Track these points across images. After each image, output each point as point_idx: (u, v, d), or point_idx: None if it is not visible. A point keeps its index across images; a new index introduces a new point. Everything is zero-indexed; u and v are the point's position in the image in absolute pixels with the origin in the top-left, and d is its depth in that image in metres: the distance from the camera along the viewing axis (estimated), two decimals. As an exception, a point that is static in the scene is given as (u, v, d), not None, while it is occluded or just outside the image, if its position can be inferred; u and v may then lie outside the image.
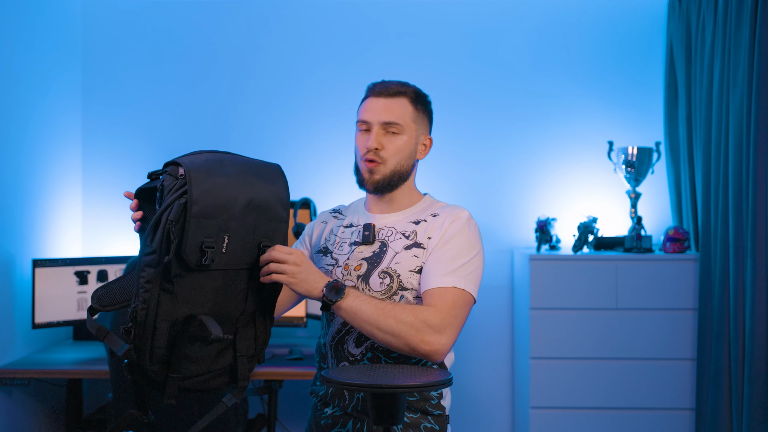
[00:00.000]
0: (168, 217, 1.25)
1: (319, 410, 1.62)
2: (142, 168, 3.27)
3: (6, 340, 2.70)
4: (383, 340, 1.43)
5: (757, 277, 2.39)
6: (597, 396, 2.74)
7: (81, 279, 2.86)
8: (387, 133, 1.58)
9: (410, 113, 1.60)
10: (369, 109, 1.60)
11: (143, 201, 1.43)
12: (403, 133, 1.59)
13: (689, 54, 2.89)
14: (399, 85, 1.61)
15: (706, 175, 2.70)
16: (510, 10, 3.21)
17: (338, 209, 1.78)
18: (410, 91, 1.62)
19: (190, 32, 3.27)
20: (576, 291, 2.74)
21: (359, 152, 1.61)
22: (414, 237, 1.58)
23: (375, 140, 1.57)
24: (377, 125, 1.58)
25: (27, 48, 2.85)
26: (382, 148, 1.57)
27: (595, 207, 3.16)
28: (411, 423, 1.54)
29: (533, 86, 3.21)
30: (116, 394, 2.33)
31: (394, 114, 1.58)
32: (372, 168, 1.58)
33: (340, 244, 1.64)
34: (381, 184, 1.59)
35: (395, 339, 1.41)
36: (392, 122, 1.57)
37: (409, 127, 1.59)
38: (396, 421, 1.33)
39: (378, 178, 1.58)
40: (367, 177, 1.59)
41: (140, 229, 1.39)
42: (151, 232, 1.27)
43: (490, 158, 3.22)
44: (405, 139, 1.59)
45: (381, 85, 1.61)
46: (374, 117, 1.58)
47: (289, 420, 3.25)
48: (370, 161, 1.58)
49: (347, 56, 3.24)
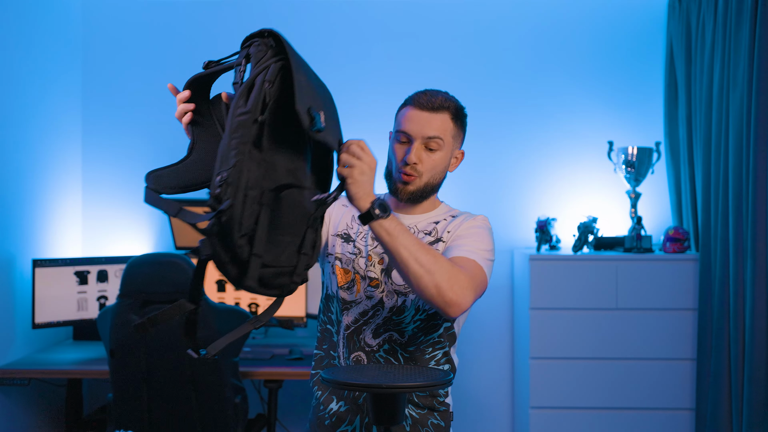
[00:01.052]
0: (265, 77, 1.19)
1: (323, 409, 1.61)
2: (142, 168, 3.26)
3: (6, 340, 2.71)
4: (415, 274, 1.35)
5: (757, 277, 2.39)
6: (597, 396, 2.74)
7: (81, 279, 2.86)
8: (426, 149, 1.58)
9: (450, 129, 1.60)
10: (412, 121, 1.58)
11: (194, 93, 1.36)
12: (441, 149, 1.58)
13: (689, 54, 2.89)
14: (443, 99, 1.61)
15: (706, 175, 2.70)
16: (510, 10, 3.22)
17: None
18: (452, 107, 1.61)
19: (190, 32, 3.27)
20: (576, 291, 2.74)
21: (396, 162, 1.59)
22: (435, 234, 1.61)
23: (415, 155, 1.56)
24: (419, 140, 1.57)
25: (27, 48, 2.85)
26: (421, 162, 1.57)
27: (595, 207, 3.16)
28: (419, 419, 1.56)
29: (533, 86, 3.21)
30: (116, 394, 2.33)
31: (436, 130, 1.57)
32: (407, 180, 1.58)
33: (364, 235, 1.62)
34: (414, 195, 1.59)
35: (427, 275, 1.35)
36: (435, 137, 1.57)
37: (447, 144, 1.60)
38: (395, 421, 1.33)
39: (412, 190, 1.59)
40: (401, 188, 1.59)
41: (192, 122, 1.33)
42: (245, 94, 1.17)
43: (490, 158, 3.22)
44: (442, 155, 1.59)
45: (426, 97, 1.59)
46: (417, 131, 1.57)
47: (289, 420, 3.25)
48: (407, 175, 1.57)
49: (347, 56, 3.24)
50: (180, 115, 1.35)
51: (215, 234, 1.15)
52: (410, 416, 1.56)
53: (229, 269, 1.19)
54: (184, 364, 2.28)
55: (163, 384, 2.30)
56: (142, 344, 2.26)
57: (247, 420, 2.58)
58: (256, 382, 3.10)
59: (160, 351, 2.27)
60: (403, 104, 1.64)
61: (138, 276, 2.27)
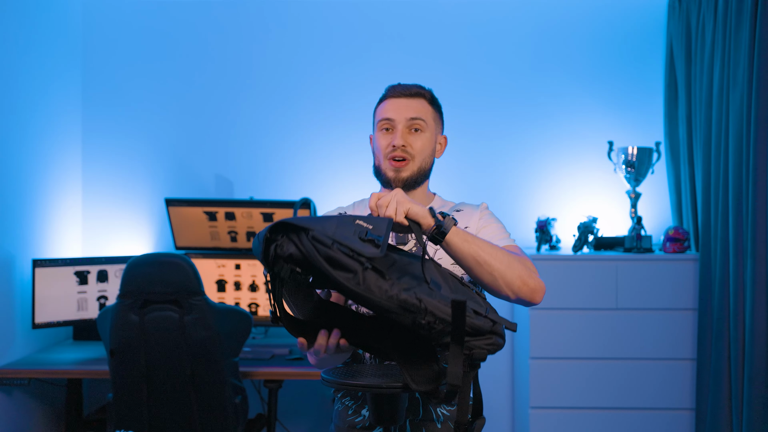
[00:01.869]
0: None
1: (353, 413, 1.59)
2: (142, 168, 3.27)
3: (6, 340, 2.71)
4: (499, 271, 1.36)
5: (757, 277, 2.39)
6: (597, 396, 2.74)
7: (81, 279, 2.86)
8: (411, 131, 1.58)
9: (430, 112, 1.62)
10: (392, 108, 1.59)
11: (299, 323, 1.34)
12: (425, 131, 1.59)
13: (689, 54, 2.89)
14: (417, 87, 1.63)
15: (706, 175, 2.70)
16: (510, 10, 3.22)
17: (344, 212, 1.72)
18: (427, 93, 1.64)
19: (191, 33, 3.27)
20: (576, 291, 2.74)
21: (381, 151, 1.59)
22: None
23: (401, 137, 1.56)
24: (402, 122, 1.57)
25: (27, 48, 2.85)
26: (409, 145, 1.57)
27: (595, 207, 3.16)
28: (450, 416, 1.56)
29: (533, 86, 3.21)
30: (116, 394, 2.33)
31: (417, 111, 1.59)
32: (399, 167, 1.57)
33: None
34: (409, 181, 1.58)
35: (509, 270, 1.37)
36: (417, 118, 1.58)
37: (430, 125, 1.61)
38: (395, 421, 1.33)
39: (406, 176, 1.57)
40: (394, 176, 1.57)
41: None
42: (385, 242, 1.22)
43: (490, 158, 3.22)
44: (428, 136, 1.60)
45: (400, 87, 1.62)
46: (399, 114, 1.58)
47: (289, 420, 3.25)
48: (398, 160, 1.57)
49: (347, 55, 3.24)
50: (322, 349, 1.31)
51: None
52: (442, 415, 1.55)
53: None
54: (184, 364, 2.28)
55: (163, 384, 2.30)
56: (142, 344, 2.27)
57: (247, 420, 2.58)
58: (256, 382, 3.10)
59: (160, 351, 2.27)
60: (378, 101, 1.65)
61: (138, 276, 2.27)
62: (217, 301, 3.01)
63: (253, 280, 3.05)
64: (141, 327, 2.26)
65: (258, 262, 3.06)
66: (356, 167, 3.17)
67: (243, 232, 3.05)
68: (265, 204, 2.98)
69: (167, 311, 2.26)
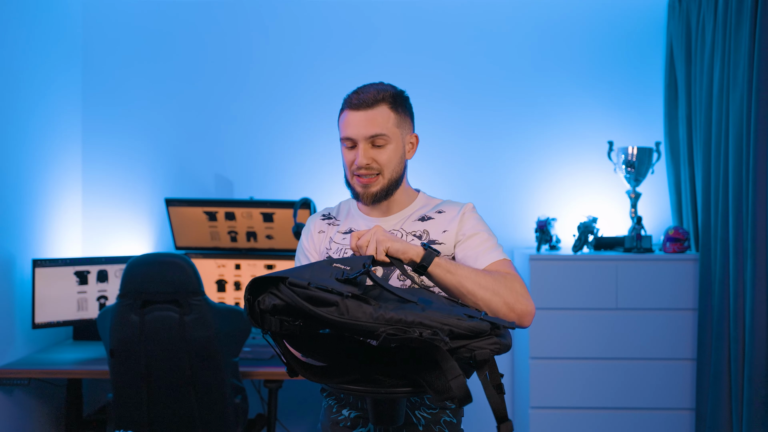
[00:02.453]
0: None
1: (336, 412, 1.60)
2: (142, 168, 3.27)
3: (6, 340, 2.71)
4: (484, 298, 1.36)
5: (757, 277, 2.39)
6: (597, 396, 2.74)
7: (81, 279, 2.86)
8: (374, 146, 1.55)
9: (393, 120, 1.55)
10: (350, 125, 1.55)
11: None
12: (389, 143, 1.55)
13: (689, 54, 2.89)
14: (375, 92, 1.56)
15: (706, 175, 2.70)
16: (510, 10, 3.22)
17: (328, 214, 1.71)
18: (388, 96, 1.56)
19: (190, 33, 3.27)
20: (576, 291, 2.74)
21: (349, 168, 1.57)
22: (427, 236, 1.57)
23: (364, 156, 1.53)
24: (362, 141, 1.54)
25: (27, 48, 2.85)
26: (373, 161, 1.55)
27: (595, 207, 3.16)
28: (432, 418, 1.55)
29: (533, 86, 3.21)
30: (116, 394, 2.33)
31: (377, 126, 1.53)
32: (367, 183, 1.55)
33: (344, 251, 1.59)
34: (379, 195, 1.57)
35: (495, 297, 1.36)
36: (377, 134, 1.53)
37: (394, 135, 1.56)
38: (395, 422, 1.33)
39: (375, 191, 1.56)
40: (363, 191, 1.56)
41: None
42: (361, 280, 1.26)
43: (490, 158, 3.22)
44: (392, 147, 1.56)
45: (357, 97, 1.56)
46: (357, 132, 1.53)
47: (289, 420, 3.25)
48: (364, 177, 1.55)
49: (346, 55, 3.24)
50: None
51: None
52: (422, 418, 1.55)
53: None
54: (184, 364, 2.28)
55: (163, 384, 2.30)
56: (142, 344, 2.27)
57: (247, 420, 2.58)
58: (256, 382, 3.10)
59: (160, 351, 2.27)
60: (341, 109, 1.61)
61: (138, 276, 2.27)
62: (217, 301, 3.01)
63: (253, 280, 3.04)
64: (141, 327, 2.26)
65: (257, 261, 3.06)
66: (356, 167, 3.17)
67: (243, 232, 3.05)
68: (265, 204, 2.98)
69: (167, 311, 2.26)
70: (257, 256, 3.06)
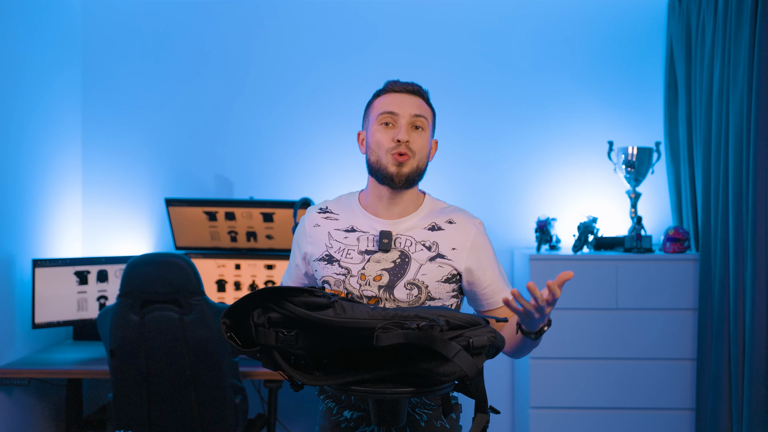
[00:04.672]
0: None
1: (336, 413, 1.60)
2: (142, 168, 3.27)
3: (6, 340, 2.71)
4: (526, 354, 1.61)
5: (757, 277, 2.39)
6: (597, 396, 2.74)
7: (81, 279, 2.86)
8: (413, 128, 1.54)
9: (429, 112, 1.58)
10: (395, 103, 1.54)
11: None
12: (426, 129, 1.56)
13: (689, 54, 2.89)
14: (418, 85, 1.59)
15: (706, 175, 2.70)
16: (511, 10, 3.21)
17: (325, 207, 1.66)
18: (424, 93, 1.60)
19: (190, 33, 3.27)
20: (576, 291, 2.74)
21: (384, 146, 1.53)
22: (436, 248, 1.55)
23: (406, 132, 1.51)
24: (406, 117, 1.53)
25: (27, 48, 2.85)
26: (412, 141, 1.53)
27: (595, 207, 3.16)
28: (433, 414, 1.56)
29: (533, 86, 3.21)
30: (116, 394, 2.33)
31: (420, 108, 1.55)
32: (402, 161, 1.51)
33: (347, 251, 1.56)
34: (410, 177, 1.53)
35: (529, 349, 1.58)
36: (420, 115, 1.54)
37: (428, 126, 1.58)
38: (398, 422, 1.33)
39: (407, 171, 1.52)
40: (396, 171, 1.51)
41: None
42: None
43: (490, 158, 3.22)
44: (427, 135, 1.56)
45: (401, 83, 1.58)
46: (402, 109, 1.53)
47: (289, 420, 3.25)
48: (402, 154, 1.51)
49: (346, 54, 3.24)
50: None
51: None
52: (423, 415, 1.55)
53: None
54: (184, 364, 2.28)
55: (163, 384, 2.30)
56: (142, 344, 2.27)
57: (247, 420, 2.58)
58: (256, 382, 3.10)
59: (160, 351, 2.27)
60: (375, 96, 1.61)
61: (138, 276, 2.27)
62: (217, 301, 3.01)
63: (253, 280, 3.05)
64: (141, 327, 2.26)
65: (257, 261, 3.06)
66: (356, 166, 3.17)
67: (243, 232, 3.05)
68: (265, 204, 2.98)
69: (167, 311, 2.26)
70: (257, 256, 3.06)
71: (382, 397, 1.26)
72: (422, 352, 1.21)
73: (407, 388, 1.25)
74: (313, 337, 1.25)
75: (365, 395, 1.26)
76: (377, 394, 1.25)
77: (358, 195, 1.65)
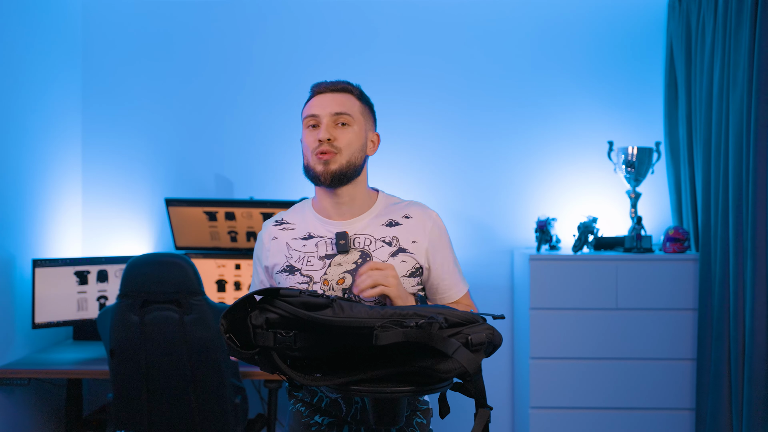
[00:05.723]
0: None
1: (307, 416, 1.60)
2: (142, 168, 3.27)
3: (6, 340, 2.71)
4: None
5: (757, 277, 2.39)
6: (597, 396, 2.74)
7: (81, 279, 2.86)
8: (337, 125, 1.54)
9: (358, 107, 1.57)
10: (316, 104, 1.56)
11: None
12: (353, 125, 1.55)
13: (689, 54, 2.89)
14: (344, 82, 1.59)
15: (706, 175, 2.70)
16: (510, 10, 3.21)
17: (281, 219, 1.66)
18: (355, 90, 1.59)
19: (190, 33, 3.27)
20: (576, 291, 2.74)
21: (309, 148, 1.54)
22: (397, 243, 1.55)
23: (326, 132, 1.51)
24: (327, 117, 1.53)
25: (27, 48, 2.85)
26: (335, 139, 1.52)
27: (595, 207, 3.16)
28: (405, 421, 1.56)
29: (533, 86, 3.21)
30: (116, 394, 2.33)
31: (342, 106, 1.54)
32: (326, 159, 1.51)
33: (307, 259, 1.55)
34: (338, 174, 1.52)
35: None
36: (342, 112, 1.54)
37: (358, 120, 1.56)
38: (397, 422, 1.33)
39: (335, 168, 1.52)
40: (322, 169, 1.52)
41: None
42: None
43: (490, 158, 3.22)
44: (355, 130, 1.55)
45: (325, 84, 1.59)
46: (323, 109, 1.54)
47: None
48: (323, 153, 1.51)
49: (346, 54, 3.24)
50: None
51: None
52: (421, 414, 1.57)
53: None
54: (184, 364, 2.28)
55: (163, 384, 2.30)
56: (142, 344, 2.27)
57: (247, 420, 2.58)
58: (256, 382, 3.10)
59: (160, 351, 2.27)
60: (305, 102, 1.61)
61: (138, 276, 2.27)
62: (217, 301, 3.01)
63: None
64: (141, 327, 2.26)
65: (258, 262, 3.06)
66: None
67: (243, 232, 3.05)
68: (265, 204, 2.98)
69: (167, 311, 2.26)
70: (257, 256, 3.06)
71: (382, 396, 1.26)
72: (421, 349, 1.21)
73: (406, 387, 1.25)
74: (312, 338, 1.25)
75: (365, 395, 1.26)
76: (377, 393, 1.25)
77: (311, 201, 1.65)
